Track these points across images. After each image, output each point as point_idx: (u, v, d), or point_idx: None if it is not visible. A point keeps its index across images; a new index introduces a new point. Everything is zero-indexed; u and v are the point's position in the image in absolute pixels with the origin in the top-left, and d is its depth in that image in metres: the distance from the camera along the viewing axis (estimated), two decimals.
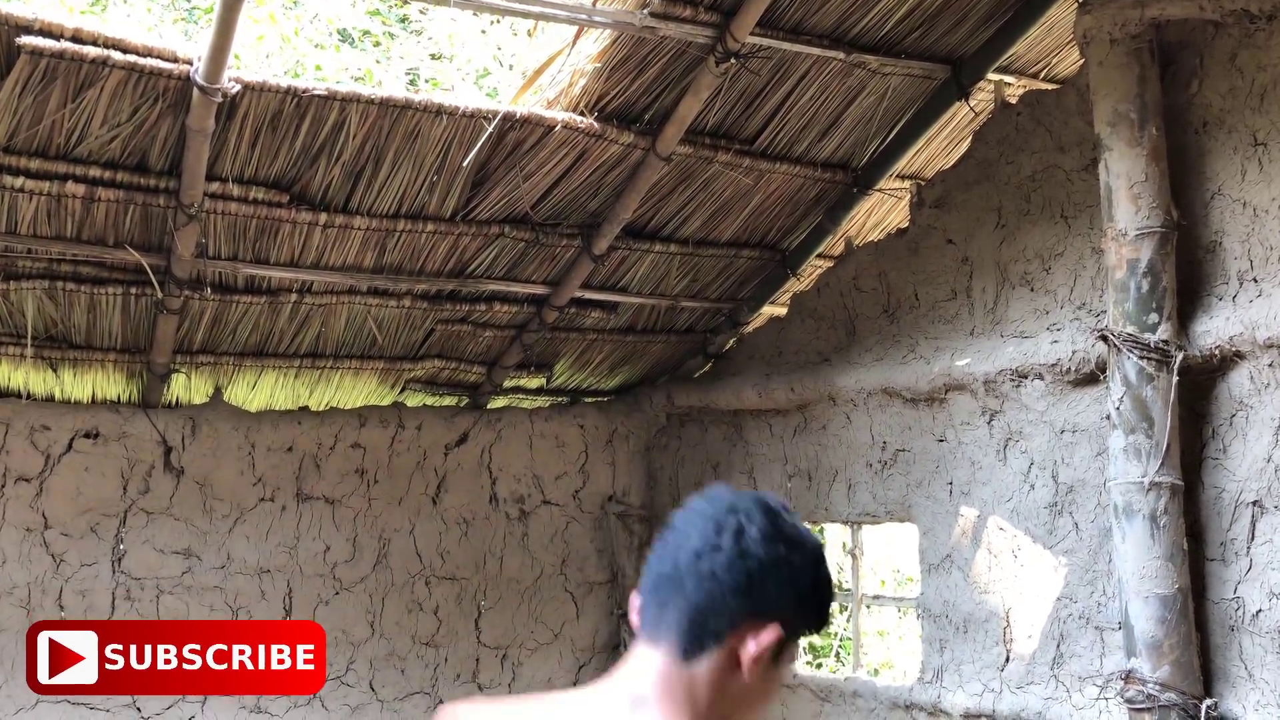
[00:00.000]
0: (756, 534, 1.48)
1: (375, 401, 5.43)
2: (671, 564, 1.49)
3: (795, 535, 1.51)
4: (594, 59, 4.09)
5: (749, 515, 1.49)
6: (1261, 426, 3.52)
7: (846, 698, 4.91)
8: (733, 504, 1.51)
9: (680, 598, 1.48)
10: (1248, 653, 3.50)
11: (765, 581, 1.48)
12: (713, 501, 1.53)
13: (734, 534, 1.48)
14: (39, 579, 4.70)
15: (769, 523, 1.50)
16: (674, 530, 1.52)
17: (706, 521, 1.49)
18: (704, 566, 1.46)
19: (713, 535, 1.48)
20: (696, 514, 1.51)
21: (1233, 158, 3.65)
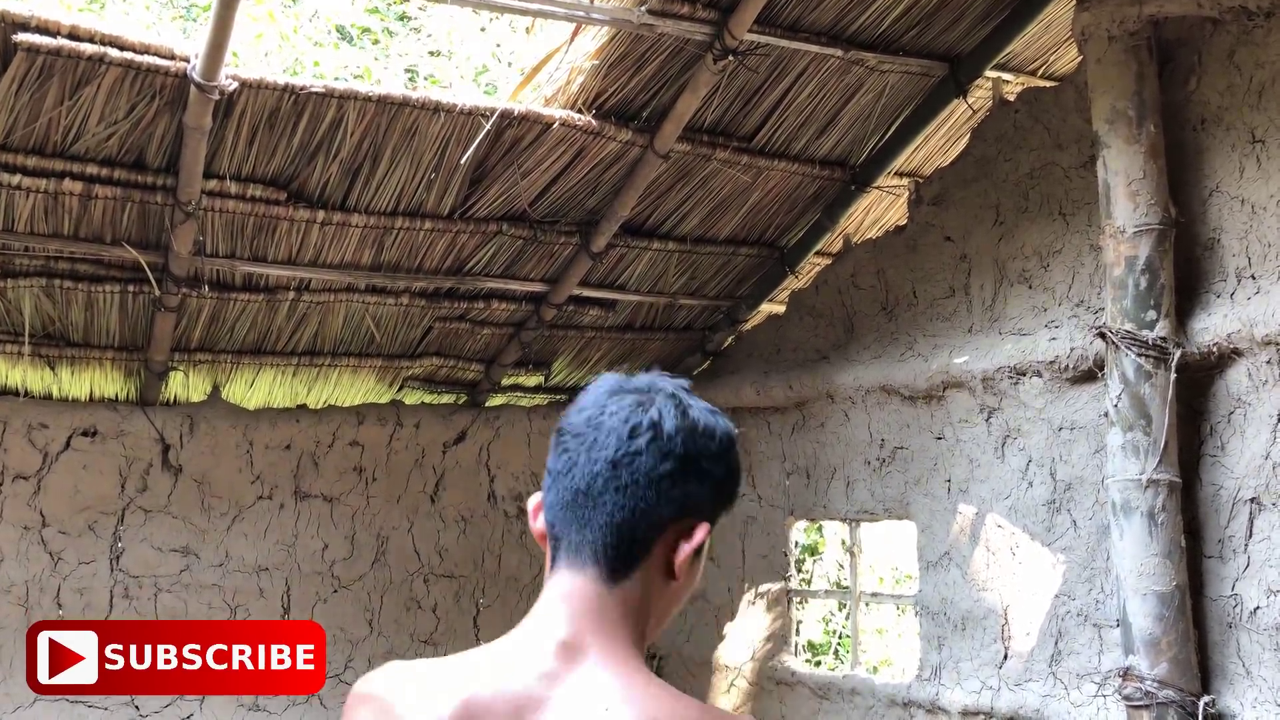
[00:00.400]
0: (673, 430, 1.35)
1: (373, 399, 5.43)
2: (586, 477, 1.34)
3: (709, 424, 1.39)
4: (592, 56, 4.08)
5: (662, 411, 1.35)
6: (1259, 423, 3.52)
7: (845, 695, 4.92)
8: (639, 399, 1.36)
9: (601, 514, 1.35)
10: (1245, 650, 3.50)
11: (688, 480, 1.37)
12: (614, 396, 1.37)
13: (650, 436, 1.34)
14: (37, 577, 4.70)
15: (682, 416, 1.37)
16: (578, 436, 1.36)
17: (616, 423, 1.34)
18: (624, 477, 1.33)
19: (626, 439, 1.33)
20: (601, 413, 1.35)
21: (1231, 155, 3.65)
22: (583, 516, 1.36)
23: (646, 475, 1.34)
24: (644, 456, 1.33)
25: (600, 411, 1.35)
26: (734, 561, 5.50)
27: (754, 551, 5.43)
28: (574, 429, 1.36)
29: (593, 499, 1.35)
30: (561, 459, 1.36)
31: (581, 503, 1.36)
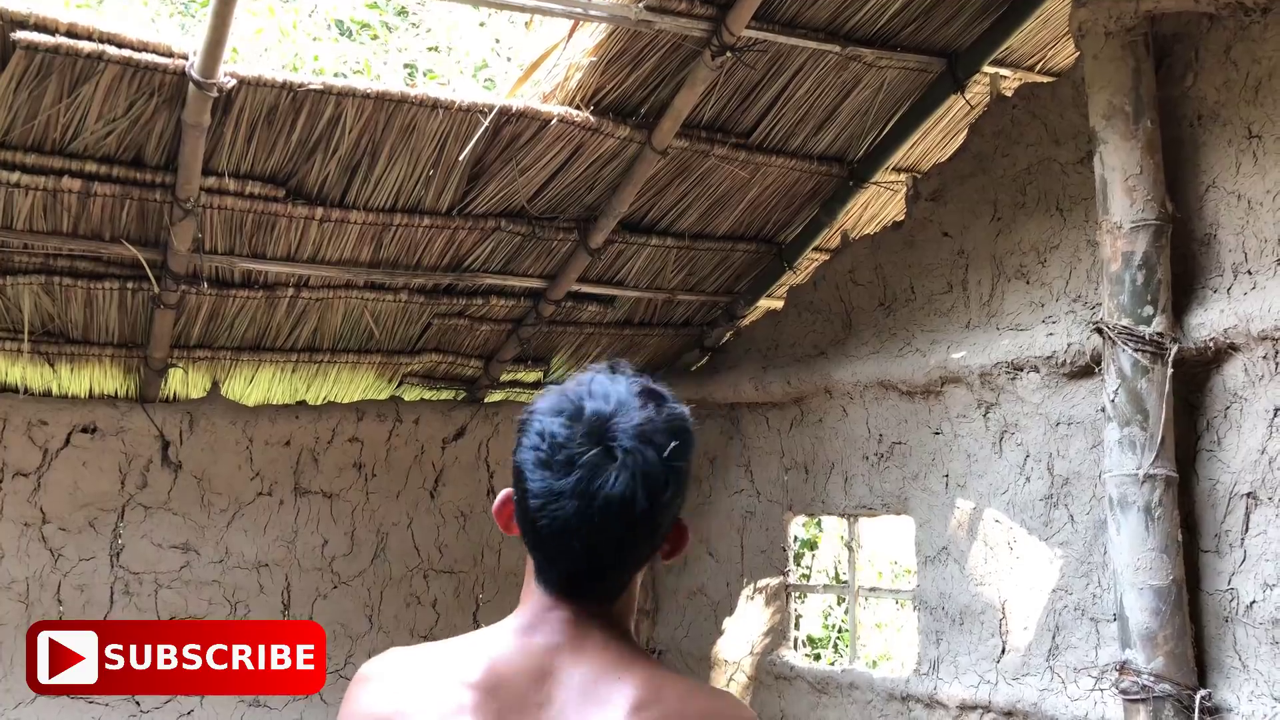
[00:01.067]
0: (673, 445, 1.39)
1: (373, 395, 5.44)
2: (581, 518, 1.37)
3: (687, 423, 1.44)
4: (590, 53, 4.09)
5: (629, 474, 1.37)
6: (1256, 418, 3.53)
7: (843, 689, 4.93)
8: (603, 455, 1.37)
9: (604, 549, 1.40)
10: (1241, 644, 3.51)
11: (685, 487, 1.44)
12: (600, 423, 1.38)
13: (661, 484, 1.38)
14: (37, 574, 4.71)
15: (679, 433, 1.42)
16: (550, 495, 1.38)
17: (586, 491, 1.36)
18: (638, 508, 1.37)
19: (603, 513, 1.36)
20: (570, 468, 1.37)
21: (1227, 150, 3.66)
22: (567, 569, 1.41)
23: (647, 514, 1.38)
24: (639, 500, 1.37)
25: (569, 466, 1.37)
26: (733, 557, 5.51)
27: (753, 546, 5.44)
28: (541, 486, 1.38)
29: (578, 559, 1.39)
30: (545, 509, 1.38)
31: (566, 560, 1.40)
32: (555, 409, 1.41)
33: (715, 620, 5.56)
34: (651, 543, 1.43)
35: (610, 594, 1.44)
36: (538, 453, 1.39)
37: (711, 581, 5.60)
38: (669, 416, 1.42)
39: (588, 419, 1.38)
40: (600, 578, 1.42)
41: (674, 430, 1.41)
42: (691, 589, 5.69)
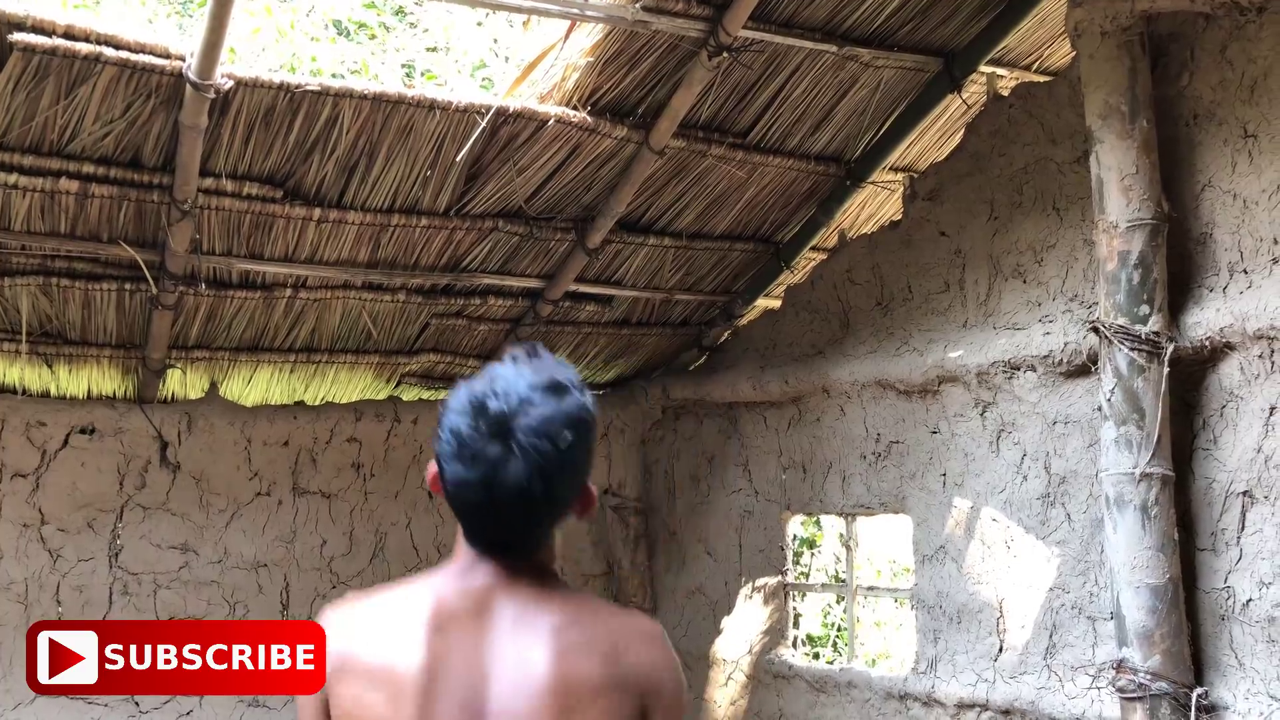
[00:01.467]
0: (569, 437, 1.59)
1: (371, 396, 5.44)
2: (487, 502, 1.57)
3: (584, 413, 1.63)
4: (587, 53, 4.09)
5: (527, 463, 1.56)
6: (1251, 417, 3.53)
7: (841, 688, 4.94)
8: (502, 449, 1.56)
9: (504, 530, 1.62)
10: (1238, 642, 3.52)
11: (583, 468, 1.64)
12: (500, 422, 1.57)
13: (556, 473, 1.58)
14: (36, 575, 4.72)
15: (575, 425, 1.60)
16: (464, 482, 1.57)
17: (515, 454, 1.56)
18: (536, 495, 1.57)
19: (536, 487, 1.56)
20: (475, 460, 1.57)
21: (1223, 150, 3.67)
22: (487, 538, 1.63)
23: (553, 487, 1.59)
24: (549, 474, 1.57)
25: (474, 460, 1.57)
26: (731, 556, 5.52)
27: (751, 546, 5.45)
28: (452, 475, 1.59)
29: (493, 531, 1.62)
30: (456, 499, 1.59)
31: (483, 531, 1.63)
32: (462, 408, 1.61)
33: (714, 619, 5.57)
34: (553, 515, 1.64)
35: (527, 552, 1.65)
36: (449, 447, 1.59)
37: (710, 581, 5.61)
38: (568, 410, 1.60)
39: (490, 418, 1.57)
40: (513, 544, 1.64)
41: (572, 423, 1.60)
42: (690, 588, 5.69)
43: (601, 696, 1.58)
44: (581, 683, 1.58)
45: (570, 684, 1.57)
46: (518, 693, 1.57)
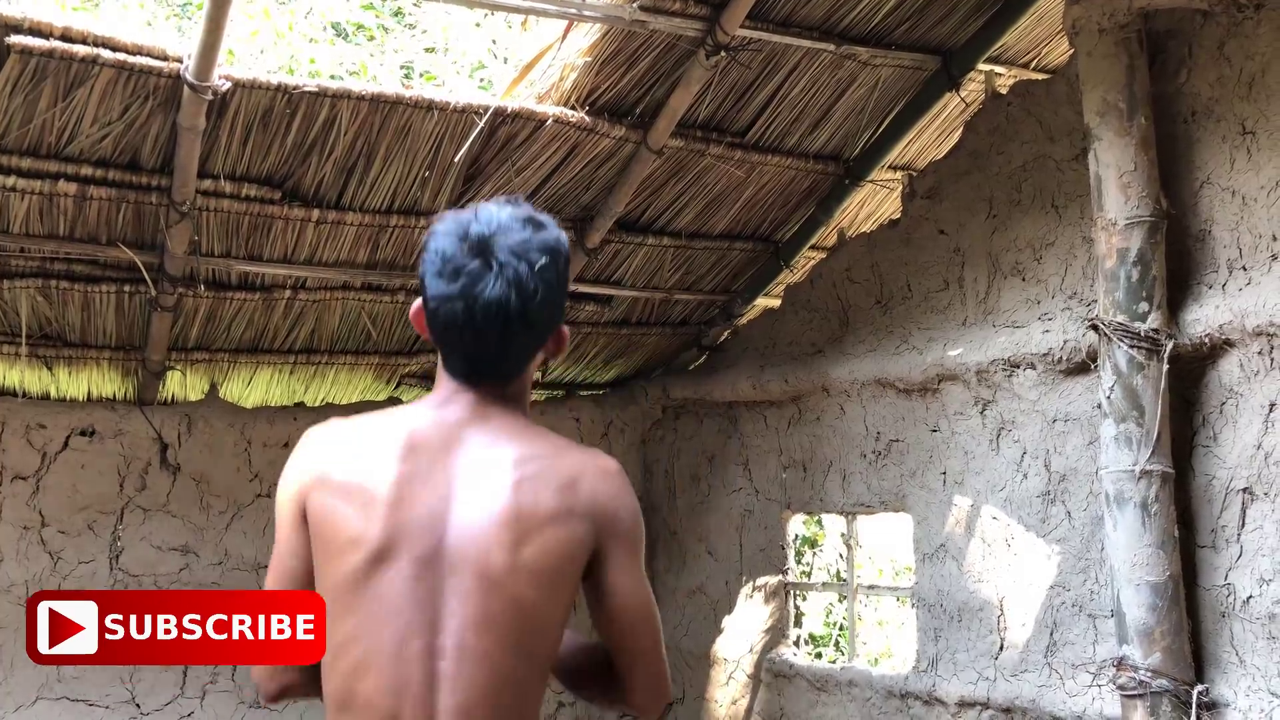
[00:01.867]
0: (544, 260, 1.72)
1: (371, 396, 5.44)
2: (466, 316, 1.69)
3: (559, 244, 1.77)
4: (584, 53, 4.09)
5: (519, 257, 1.70)
6: (1251, 414, 3.53)
7: (842, 687, 4.94)
8: (481, 268, 1.69)
9: (484, 353, 1.73)
10: (1238, 638, 3.52)
11: (559, 303, 1.78)
12: (482, 242, 1.71)
13: (531, 290, 1.70)
14: (37, 577, 4.72)
15: (550, 251, 1.74)
16: (447, 299, 1.69)
17: (493, 270, 1.69)
18: (511, 309, 1.69)
19: (512, 300, 1.69)
20: (457, 281, 1.70)
21: (1221, 146, 3.66)
22: (464, 355, 1.75)
23: (532, 313, 1.71)
24: (528, 301, 1.70)
25: (456, 275, 1.70)
26: (732, 555, 5.52)
27: (752, 545, 5.45)
28: (435, 291, 1.71)
29: (470, 348, 1.73)
30: (441, 309, 1.71)
31: (461, 349, 1.74)
32: (446, 230, 1.74)
33: (714, 619, 5.57)
34: (530, 337, 1.75)
35: (503, 377, 1.78)
36: (433, 264, 1.72)
37: (711, 580, 5.61)
38: (543, 238, 1.75)
39: (472, 237, 1.71)
40: (491, 363, 1.75)
41: (545, 249, 1.74)
42: (691, 588, 5.69)
43: (554, 525, 1.69)
44: (535, 512, 1.69)
45: (523, 513, 1.68)
46: (476, 518, 1.68)
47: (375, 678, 1.66)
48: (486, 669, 1.65)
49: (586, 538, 1.72)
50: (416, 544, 1.67)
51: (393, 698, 1.65)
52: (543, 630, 1.70)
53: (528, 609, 1.67)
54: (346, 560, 1.70)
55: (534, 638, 1.69)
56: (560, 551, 1.69)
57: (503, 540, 1.67)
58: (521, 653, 1.68)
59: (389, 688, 1.65)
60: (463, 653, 1.65)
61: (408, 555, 1.67)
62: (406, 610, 1.66)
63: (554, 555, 1.69)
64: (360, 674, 1.67)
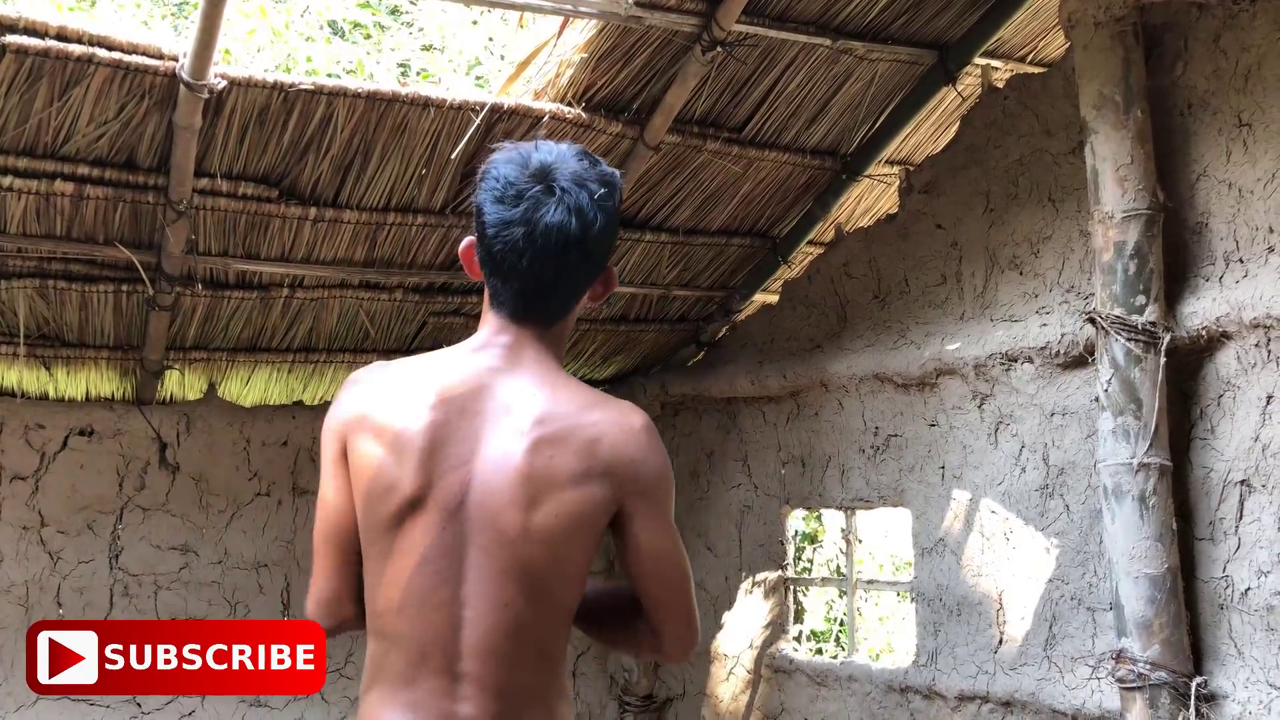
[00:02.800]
0: (603, 191, 1.77)
1: None
2: (527, 240, 1.73)
3: (616, 179, 1.82)
4: (580, 49, 4.09)
5: (570, 211, 1.74)
6: (1249, 406, 3.54)
7: (842, 682, 4.94)
8: (542, 195, 1.74)
9: (534, 289, 1.77)
10: (1237, 630, 3.53)
11: (613, 238, 1.84)
12: (544, 169, 1.76)
13: (562, 241, 1.74)
14: (37, 577, 4.73)
15: (608, 184, 1.79)
16: (506, 226, 1.74)
17: (555, 195, 1.74)
18: (571, 235, 1.74)
19: (573, 226, 1.74)
20: (530, 186, 1.75)
21: (1218, 139, 3.66)
22: (518, 287, 1.78)
23: (588, 254, 1.77)
24: (587, 240, 1.75)
25: (517, 199, 1.74)
26: (731, 551, 5.52)
27: (751, 541, 5.45)
28: (495, 217, 1.76)
29: (525, 278, 1.76)
30: (499, 235, 1.75)
31: (516, 279, 1.77)
32: (508, 158, 1.79)
33: (714, 614, 5.57)
34: (584, 269, 1.80)
35: (551, 315, 1.82)
36: (493, 191, 1.77)
37: (710, 576, 5.61)
38: (600, 171, 1.81)
39: (534, 164, 1.76)
40: (544, 296, 1.80)
41: (603, 180, 1.79)
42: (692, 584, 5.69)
43: (570, 488, 1.74)
44: (550, 475, 1.73)
45: (537, 475, 1.73)
46: (493, 477, 1.73)
47: (407, 622, 1.75)
48: (508, 616, 1.73)
49: (606, 499, 1.76)
50: (443, 496, 1.74)
51: (422, 639, 1.75)
52: (561, 582, 1.77)
53: (543, 566, 1.74)
54: (384, 504, 1.76)
55: (552, 588, 1.76)
56: (575, 513, 1.74)
57: (516, 500, 1.72)
58: (541, 600, 1.75)
59: (419, 631, 1.75)
60: (484, 601, 1.73)
61: (436, 506, 1.74)
62: (435, 559, 1.74)
63: (568, 518, 1.74)
64: (394, 615, 1.76)
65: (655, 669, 5.82)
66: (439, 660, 1.75)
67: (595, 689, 5.81)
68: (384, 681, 1.79)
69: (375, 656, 1.82)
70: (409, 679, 1.76)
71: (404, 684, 1.77)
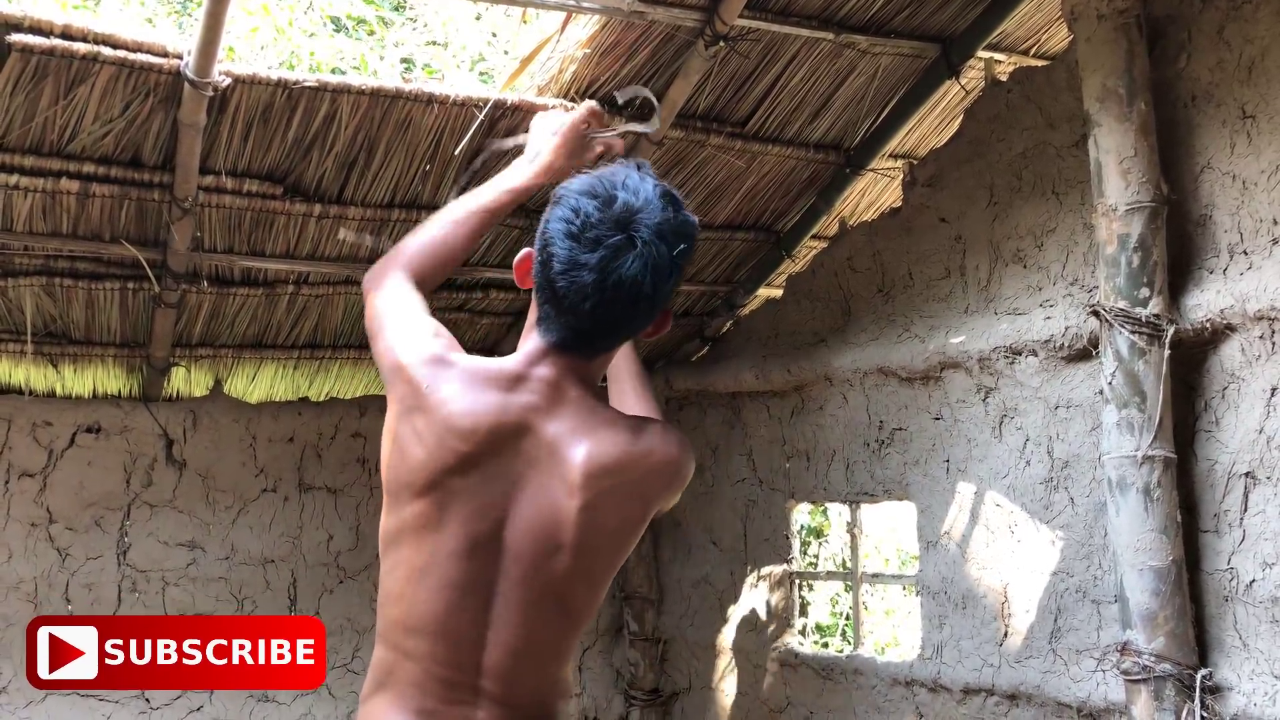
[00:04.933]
0: (683, 247, 1.72)
1: (375, 391, 5.46)
2: (596, 288, 1.67)
3: (695, 230, 1.79)
4: (583, 45, 4.09)
5: (661, 238, 1.67)
6: (1253, 398, 3.54)
7: (848, 675, 4.95)
8: (624, 241, 1.67)
9: (608, 316, 1.72)
10: (1241, 622, 3.53)
11: (679, 284, 1.79)
12: (628, 214, 1.69)
13: (666, 275, 1.70)
14: (45, 573, 4.75)
15: (688, 238, 1.74)
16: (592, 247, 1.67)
17: (636, 248, 1.66)
18: (643, 291, 1.68)
19: (647, 281, 1.67)
20: (611, 233, 1.67)
21: (1221, 131, 3.66)
22: (574, 325, 1.73)
23: (656, 298, 1.70)
24: (659, 287, 1.68)
25: (595, 244, 1.66)
26: (737, 546, 5.53)
27: (756, 535, 5.46)
28: (566, 254, 1.68)
29: (584, 319, 1.71)
30: (567, 273, 1.68)
31: (574, 318, 1.72)
32: (590, 192, 1.70)
33: (720, 609, 5.59)
34: (645, 319, 1.76)
35: (596, 352, 1.79)
36: (569, 225, 1.69)
37: (716, 571, 5.62)
38: (683, 221, 1.74)
39: (618, 208, 1.67)
40: (596, 337, 1.76)
41: (685, 234, 1.73)
42: (696, 578, 5.71)
43: (617, 528, 1.76)
44: (599, 520, 1.73)
45: (586, 520, 1.71)
46: (536, 516, 1.71)
47: (426, 640, 1.75)
48: (533, 640, 1.75)
49: (646, 518, 1.82)
50: (473, 526, 1.73)
51: (440, 656, 1.75)
52: (593, 603, 1.82)
53: (581, 599, 1.77)
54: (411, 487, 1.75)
55: (584, 612, 1.80)
56: (620, 545, 1.79)
57: (561, 544, 1.72)
58: (570, 622, 1.78)
59: (438, 650, 1.75)
60: (508, 627, 1.73)
61: (464, 534, 1.73)
62: (459, 584, 1.73)
63: (611, 551, 1.77)
64: (411, 631, 1.76)
65: (661, 663, 5.84)
66: (457, 677, 1.74)
67: (601, 683, 5.83)
68: (392, 689, 1.77)
69: (384, 664, 1.80)
70: (423, 689, 1.75)
71: (417, 693, 1.75)
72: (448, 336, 1.89)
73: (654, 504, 1.82)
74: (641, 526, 1.83)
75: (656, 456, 1.78)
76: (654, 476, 1.78)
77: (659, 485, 1.80)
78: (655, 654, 5.79)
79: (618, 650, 5.86)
